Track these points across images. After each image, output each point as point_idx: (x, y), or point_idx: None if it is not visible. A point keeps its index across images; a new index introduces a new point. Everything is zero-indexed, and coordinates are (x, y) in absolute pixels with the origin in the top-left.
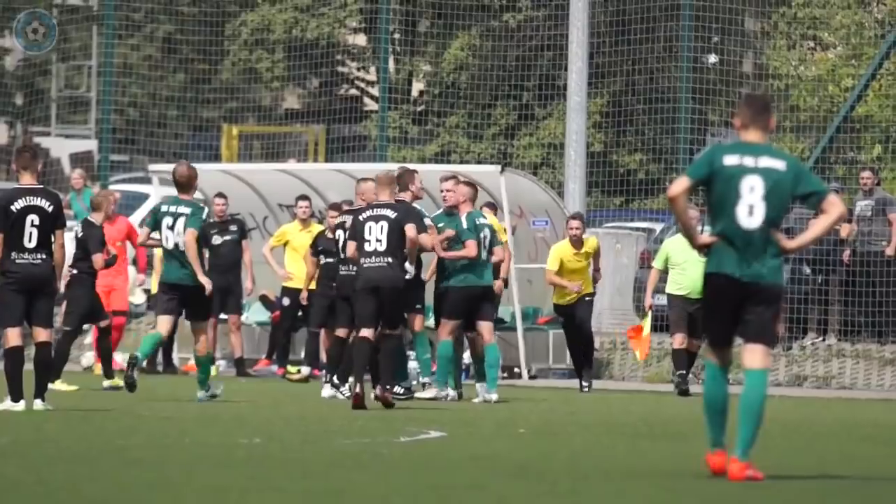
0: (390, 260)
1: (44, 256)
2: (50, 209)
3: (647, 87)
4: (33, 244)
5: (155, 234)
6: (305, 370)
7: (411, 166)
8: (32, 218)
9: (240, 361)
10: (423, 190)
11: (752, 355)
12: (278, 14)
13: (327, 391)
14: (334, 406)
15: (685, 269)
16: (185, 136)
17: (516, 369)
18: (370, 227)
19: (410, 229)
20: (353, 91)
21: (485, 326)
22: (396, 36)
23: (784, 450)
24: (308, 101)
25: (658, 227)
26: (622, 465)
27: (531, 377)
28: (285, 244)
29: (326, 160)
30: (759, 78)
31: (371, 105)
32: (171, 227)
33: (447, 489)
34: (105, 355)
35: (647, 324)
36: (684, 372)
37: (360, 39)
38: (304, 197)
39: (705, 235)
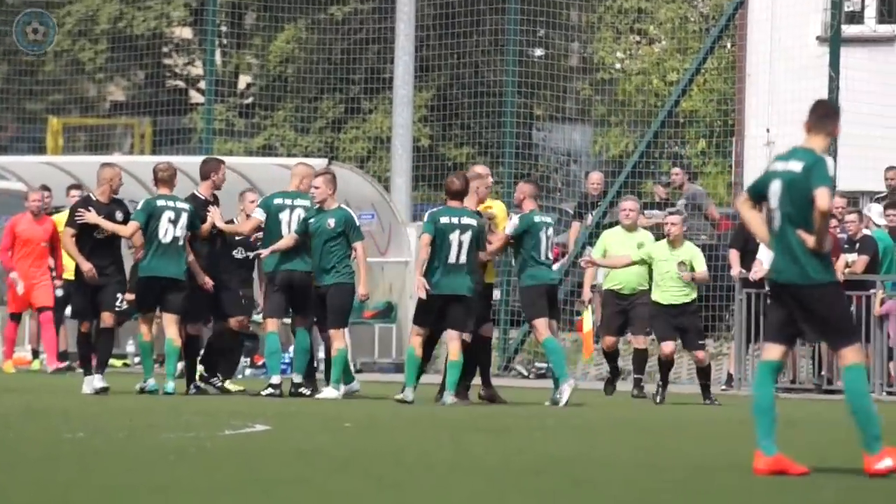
0: None
1: None
2: None
3: (473, 80)
4: None
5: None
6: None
7: (229, 160)
8: None
9: (63, 355)
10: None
11: (841, 357)
12: (104, 5)
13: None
14: (159, 400)
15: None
16: (10, 128)
17: (362, 360)
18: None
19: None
20: (180, 84)
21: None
22: (223, 29)
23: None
24: (133, 93)
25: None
26: (446, 459)
27: (356, 371)
28: None
29: (152, 153)
30: (585, 72)
31: (197, 98)
32: (174, 222)
33: (272, 483)
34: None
35: (587, 319)
36: (638, 376)
37: (187, 32)
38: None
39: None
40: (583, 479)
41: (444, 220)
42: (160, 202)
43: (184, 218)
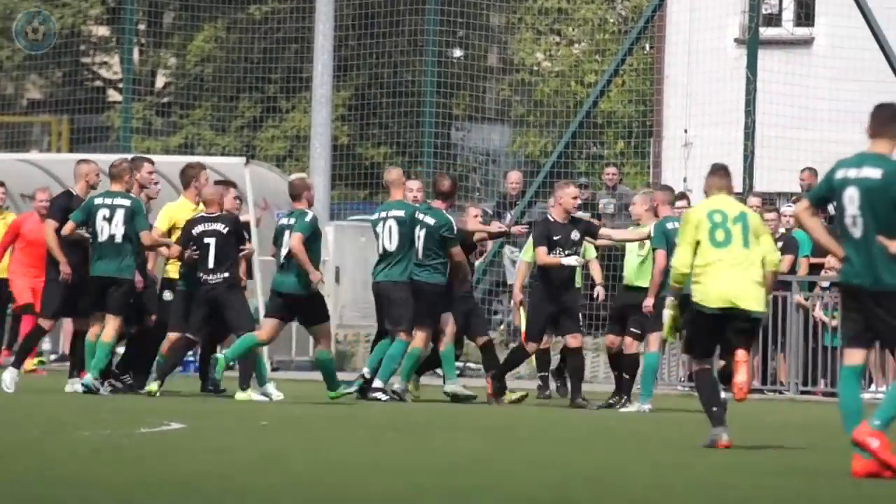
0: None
1: None
2: None
3: (392, 80)
4: None
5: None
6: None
7: (153, 158)
8: None
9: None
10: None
11: None
12: (21, 3)
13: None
14: (76, 397)
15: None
16: None
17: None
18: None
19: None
20: (98, 82)
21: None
22: (141, 27)
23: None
24: (51, 91)
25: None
26: (365, 458)
27: (273, 369)
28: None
29: (70, 151)
30: (505, 72)
31: (115, 96)
32: (109, 220)
33: (188, 480)
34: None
35: (522, 319)
36: (545, 374)
37: (104, 30)
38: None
39: (839, 249)
40: (499, 477)
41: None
42: (97, 200)
43: (119, 214)
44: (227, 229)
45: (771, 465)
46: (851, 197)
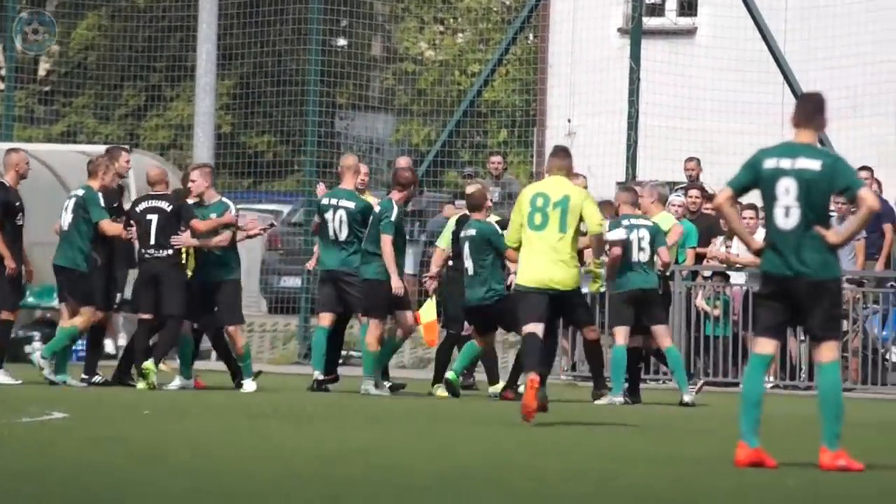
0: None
1: None
2: None
3: (276, 69)
4: None
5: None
6: None
7: (30, 146)
8: None
9: None
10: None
11: (821, 351)
12: None
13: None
14: None
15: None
16: None
17: None
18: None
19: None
20: None
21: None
22: (23, 15)
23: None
24: None
25: (286, 208)
26: (246, 447)
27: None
28: None
29: None
30: (388, 61)
31: None
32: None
33: (69, 470)
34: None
35: (431, 308)
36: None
37: None
38: None
39: (759, 240)
40: (380, 466)
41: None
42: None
43: (70, 204)
44: (170, 208)
45: (655, 453)
46: (787, 187)
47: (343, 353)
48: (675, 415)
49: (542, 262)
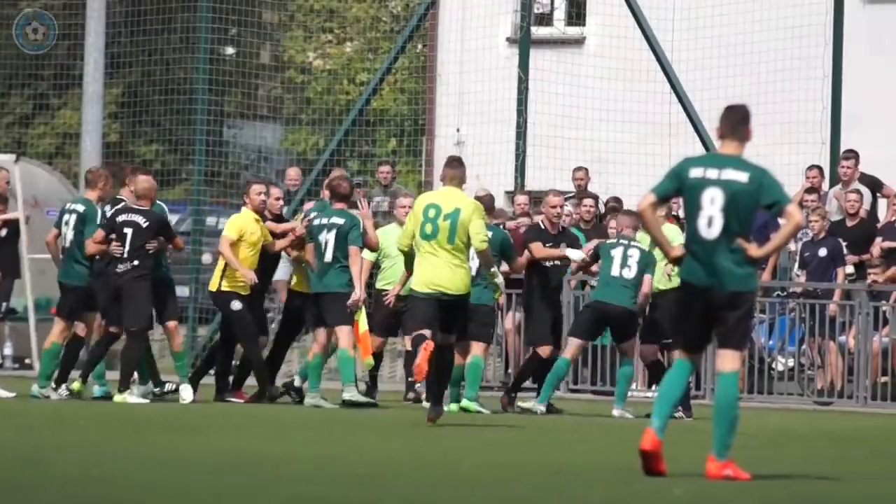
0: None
1: None
2: None
3: (164, 77)
4: None
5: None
6: None
7: None
8: None
9: None
10: None
11: (721, 359)
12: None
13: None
14: None
15: (396, 262)
16: None
17: (27, 360)
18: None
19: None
20: None
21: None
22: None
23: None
24: None
25: (174, 218)
26: (133, 456)
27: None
28: None
29: None
30: (277, 70)
31: None
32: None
33: None
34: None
35: (361, 319)
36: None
37: None
38: None
39: (678, 248)
40: (267, 475)
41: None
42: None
43: (72, 220)
44: (146, 223)
45: (547, 463)
46: (713, 198)
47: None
48: (576, 424)
49: (430, 269)
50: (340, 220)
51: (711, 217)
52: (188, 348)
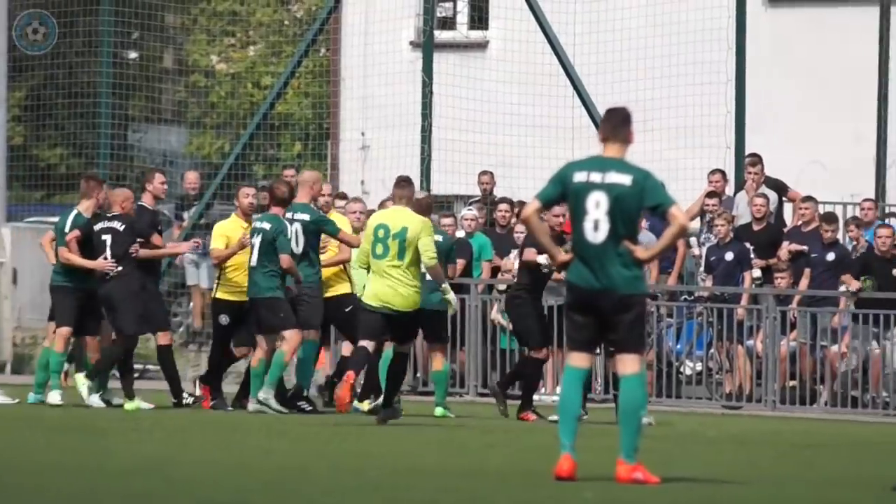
0: None
1: None
2: None
3: (67, 81)
4: None
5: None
6: None
7: None
8: None
9: None
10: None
11: (623, 364)
12: None
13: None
14: None
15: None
16: None
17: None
18: None
19: None
20: None
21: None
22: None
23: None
24: None
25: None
26: (42, 460)
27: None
28: None
29: None
30: (181, 74)
31: None
32: None
33: None
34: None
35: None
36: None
37: None
38: None
39: (563, 253)
40: (175, 479)
41: None
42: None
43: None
44: (122, 227)
45: (455, 466)
46: (598, 201)
47: (139, 365)
48: (481, 427)
49: (381, 286)
50: (267, 226)
51: (597, 220)
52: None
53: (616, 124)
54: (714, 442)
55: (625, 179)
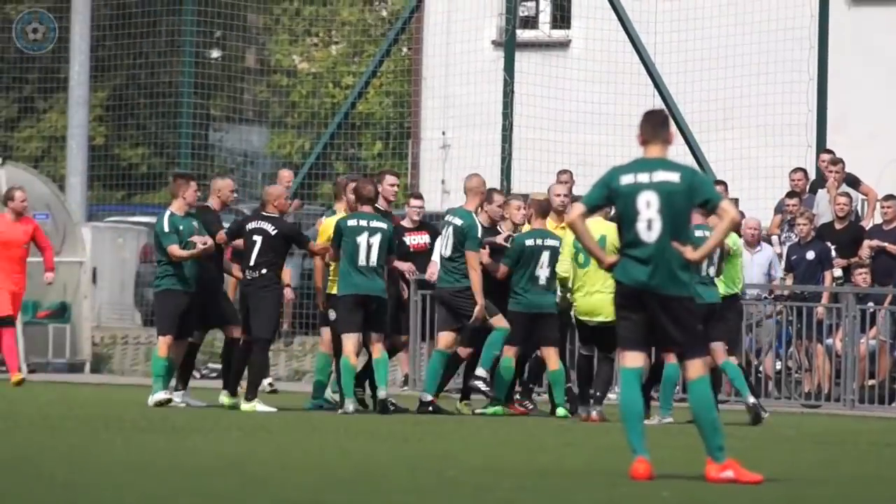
0: None
1: None
2: None
3: (149, 80)
4: None
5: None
6: None
7: None
8: None
9: None
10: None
11: (687, 369)
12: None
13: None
14: None
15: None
16: None
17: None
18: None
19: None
20: None
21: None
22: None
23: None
24: None
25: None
26: (120, 459)
27: (30, 371)
28: None
29: None
30: (262, 73)
31: None
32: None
33: None
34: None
35: None
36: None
37: None
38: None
39: (612, 256)
40: (253, 479)
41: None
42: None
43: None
44: (275, 231)
45: (526, 466)
46: (648, 201)
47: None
48: (550, 428)
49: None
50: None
51: (650, 220)
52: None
53: (655, 125)
54: (793, 441)
55: (673, 177)
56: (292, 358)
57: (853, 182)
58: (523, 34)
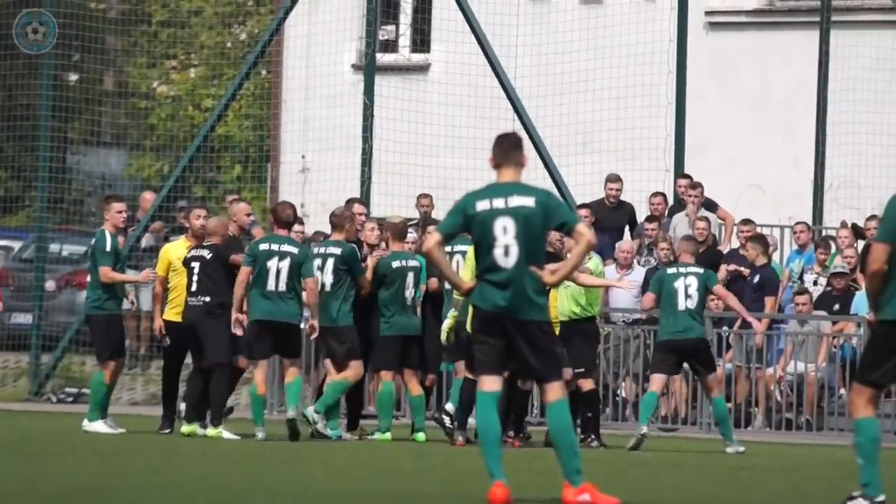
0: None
1: None
2: None
3: (7, 103)
4: None
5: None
6: None
7: None
8: None
9: None
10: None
11: (550, 392)
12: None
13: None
14: None
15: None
16: None
17: None
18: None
19: None
20: None
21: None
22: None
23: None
24: None
25: (17, 244)
26: (187, 484)
27: None
28: None
29: None
30: (121, 96)
31: None
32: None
33: None
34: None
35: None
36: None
37: None
38: None
39: (468, 282)
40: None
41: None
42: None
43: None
44: (210, 255)
45: (392, 489)
46: (505, 226)
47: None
48: (409, 452)
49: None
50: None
51: (507, 246)
52: (31, 375)
53: (507, 149)
54: (650, 464)
55: (528, 201)
56: (149, 382)
57: (711, 206)
58: (383, 58)
